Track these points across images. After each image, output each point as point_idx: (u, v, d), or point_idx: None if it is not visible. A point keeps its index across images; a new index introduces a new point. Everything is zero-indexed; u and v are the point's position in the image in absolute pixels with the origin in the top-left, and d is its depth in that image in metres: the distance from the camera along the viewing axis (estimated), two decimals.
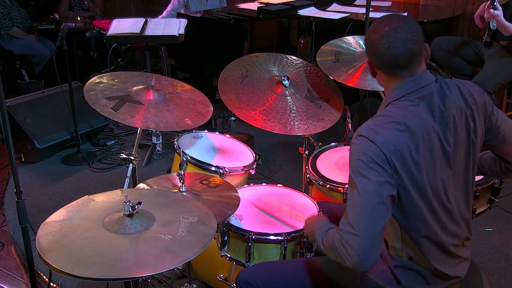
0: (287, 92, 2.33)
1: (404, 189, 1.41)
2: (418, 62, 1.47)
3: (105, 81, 2.26)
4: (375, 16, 3.85)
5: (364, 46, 2.62)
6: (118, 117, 2.06)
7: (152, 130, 3.68)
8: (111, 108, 2.09)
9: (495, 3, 3.08)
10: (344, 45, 2.65)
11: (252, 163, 2.40)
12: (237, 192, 1.94)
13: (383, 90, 2.40)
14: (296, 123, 2.23)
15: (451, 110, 1.47)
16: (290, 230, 1.88)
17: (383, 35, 1.43)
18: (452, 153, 1.48)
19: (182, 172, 1.88)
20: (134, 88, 2.25)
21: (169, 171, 2.76)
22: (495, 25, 3.11)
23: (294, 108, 2.28)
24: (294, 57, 2.59)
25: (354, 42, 2.69)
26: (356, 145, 1.43)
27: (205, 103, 2.35)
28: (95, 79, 2.26)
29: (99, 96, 2.15)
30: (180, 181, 1.89)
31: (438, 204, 1.47)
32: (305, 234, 1.76)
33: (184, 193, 1.87)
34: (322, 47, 2.63)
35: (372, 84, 2.38)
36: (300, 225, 1.90)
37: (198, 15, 4.29)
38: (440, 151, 1.45)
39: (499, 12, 3.10)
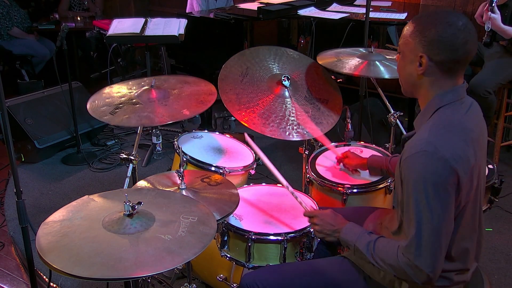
0: (286, 93, 2.32)
1: (462, 199, 1.41)
2: None
3: (110, 92, 2.24)
4: (375, 16, 3.84)
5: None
6: (114, 120, 2.03)
7: (152, 130, 3.68)
8: (109, 113, 2.06)
9: (493, 5, 3.08)
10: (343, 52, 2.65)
11: (252, 163, 2.40)
12: (236, 189, 1.94)
13: (386, 77, 2.39)
14: (295, 127, 2.22)
15: (479, 117, 1.53)
16: (290, 230, 1.88)
17: (460, 29, 1.39)
18: (483, 157, 1.51)
19: (182, 169, 1.88)
20: (135, 93, 2.22)
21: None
22: (490, 26, 3.13)
23: (293, 112, 2.27)
24: (293, 51, 2.57)
25: (352, 50, 2.68)
26: (420, 163, 1.36)
27: (209, 91, 2.27)
28: (105, 89, 2.24)
29: (100, 103, 2.13)
30: (179, 179, 1.88)
31: (478, 210, 1.51)
32: (319, 234, 1.72)
33: (183, 191, 1.87)
34: (318, 56, 2.61)
35: (376, 73, 2.40)
36: (300, 225, 1.90)
37: (211, 15, 4.28)
38: (477, 161, 1.46)
39: (497, 16, 3.11)
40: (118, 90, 2.26)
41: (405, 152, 1.41)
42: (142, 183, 1.96)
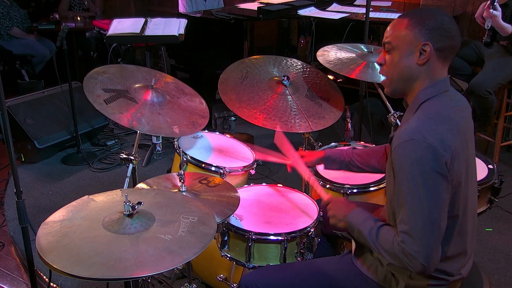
0: (287, 91, 2.33)
1: (453, 189, 1.42)
2: None
3: (110, 74, 2.22)
4: (375, 16, 3.85)
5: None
6: (106, 110, 2.01)
7: None
8: (104, 100, 2.04)
9: (495, 3, 3.08)
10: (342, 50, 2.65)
11: (252, 163, 2.40)
12: (236, 191, 1.94)
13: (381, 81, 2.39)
14: (297, 121, 2.23)
15: (468, 112, 1.54)
16: (290, 230, 1.88)
17: (452, 20, 1.48)
18: (471, 155, 1.52)
19: (182, 171, 1.88)
20: (135, 85, 2.21)
21: (169, 171, 2.76)
22: (490, 24, 3.12)
23: (295, 107, 2.28)
24: (294, 60, 2.58)
25: (353, 47, 2.67)
26: (409, 151, 1.38)
27: (203, 113, 2.26)
28: (101, 68, 2.22)
29: (97, 85, 2.10)
30: (180, 181, 1.88)
31: (471, 201, 1.51)
32: (332, 219, 1.69)
33: (184, 193, 1.87)
34: (318, 52, 2.61)
35: (373, 77, 2.39)
36: (300, 225, 1.90)
37: (198, 15, 4.29)
38: (467, 150, 1.48)
39: (498, 13, 3.11)
40: (118, 76, 2.22)
41: (394, 142, 1.44)
42: (141, 186, 1.96)
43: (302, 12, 4.10)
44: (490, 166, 2.30)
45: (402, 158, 1.40)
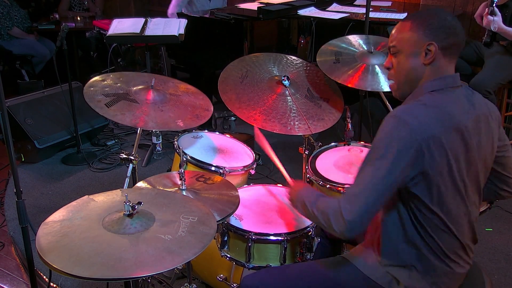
0: (287, 92, 2.33)
1: (429, 176, 1.40)
2: None
3: (109, 81, 2.25)
4: (375, 16, 3.85)
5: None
6: (108, 113, 2.04)
7: (152, 130, 3.68)
8: (105, 104, 2.07)
9: (493, 6, 3.08)
10: (344, 45, 2.65)
11: (252, 163, 2.40)
12: (237, 191, 1.94)
13: (384, 91, 2.40)
14: (296, 123, 2.23)
15: (479, 112, 1.50)
16: (290, 230, 1.88)
17: (454, 18, 1.49)
18: (472, 155, 1.48)
19: (182, 170, 1.88)
20: (134, 88, 2.24)
21: (169, 171, 2.75)
22: (496, 26, 3.12)
23: (294, 108, 2.28)
24: (294, 57, 2.59)
25: (354, 41, 2.69)
26: (387, 124, 1.41)
27: (206, 106, 2.30)
28: (99, 77, 2.24)
29: (97, 92, 2.13)
30: (180, 179, 1.88)
31: (459, 196, 1.48)
32: (292, 202, 1.71)
33: (184, 191, 1.87)
34: (322, 47, 2.62)
35: (373, 85, 2.38)
36: (300, 225, 1.90)
37: (207, 15, 4.28)
38: (464, 148, 1.45)
39: (498, 18, 3.12)
40: (117, 81, 2.25)
41: None
42: (141, 185, 1.96)
43: (302, 12, 4.10)
44: None
45: (379, 129, 1.43)
